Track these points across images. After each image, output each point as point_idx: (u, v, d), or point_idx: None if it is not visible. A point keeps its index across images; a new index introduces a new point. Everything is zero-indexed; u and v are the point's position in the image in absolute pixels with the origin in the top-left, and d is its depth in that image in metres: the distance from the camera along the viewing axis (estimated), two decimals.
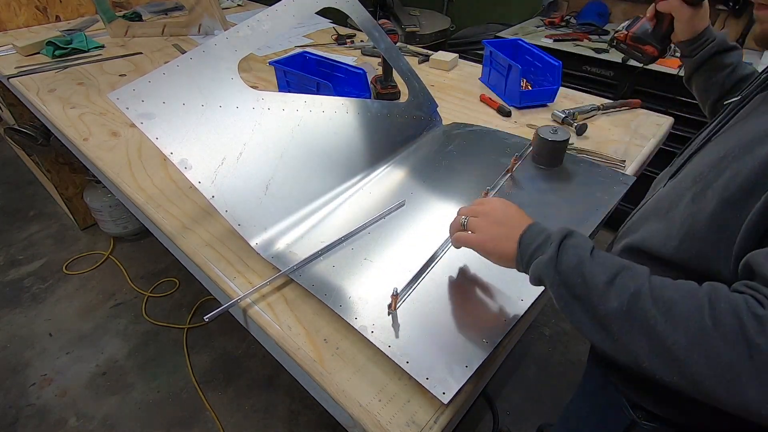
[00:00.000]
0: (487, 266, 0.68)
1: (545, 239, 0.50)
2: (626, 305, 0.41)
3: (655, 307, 0.40)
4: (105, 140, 1.04)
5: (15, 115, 1.77)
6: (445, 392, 0.51)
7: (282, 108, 0.76)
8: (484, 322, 0.59)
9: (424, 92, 1.00)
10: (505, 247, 0.54)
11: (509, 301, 0.62)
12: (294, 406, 1.47)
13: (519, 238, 0.53)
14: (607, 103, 1.15)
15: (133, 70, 1.43)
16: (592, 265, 0.45)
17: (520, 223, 0.54)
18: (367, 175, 0.87)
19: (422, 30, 2.41)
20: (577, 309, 0.45)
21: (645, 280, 0.42)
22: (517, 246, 0.53)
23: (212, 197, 0.68)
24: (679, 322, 0.39)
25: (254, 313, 0.64)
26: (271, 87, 1.30)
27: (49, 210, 2.29)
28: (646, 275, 0.43)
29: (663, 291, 0.41)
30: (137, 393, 1.50)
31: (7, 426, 1.40)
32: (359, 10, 0.86)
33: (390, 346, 0.56)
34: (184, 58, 0.66)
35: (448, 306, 0.62)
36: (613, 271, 0.44)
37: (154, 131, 0.64)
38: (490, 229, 0.57)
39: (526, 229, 0.53)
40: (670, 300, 0.40)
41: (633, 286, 0.42)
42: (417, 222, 0.77)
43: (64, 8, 1.87)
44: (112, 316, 1.76)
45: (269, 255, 0.70)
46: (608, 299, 0.42)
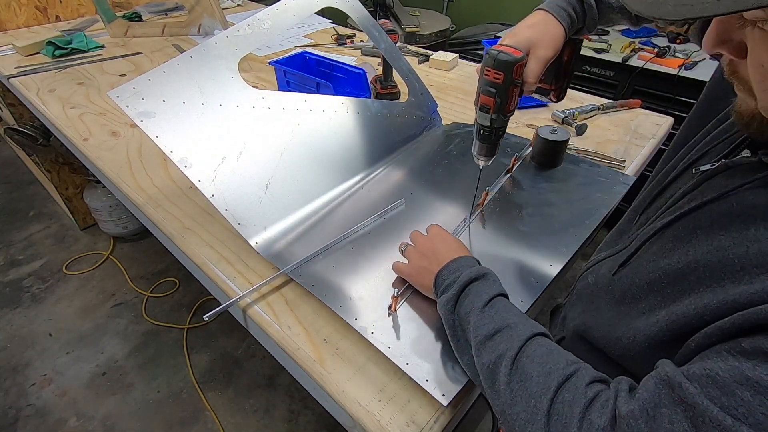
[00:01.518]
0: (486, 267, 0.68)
1: (454, 279, 0.53)
2: (492, 364, 0.44)
3: (510, 375, 0.42)
4: (105, 140, 1.04)
5: (15, 115, 1.77)
6: (444, 394, 0.51)
7: (282, 107, 0.75)
8: None
9: (424, 92, 1.00)
10: (426, 280, 0.58)
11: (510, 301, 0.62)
12: (294, 406, 1.47)
13: (437, 273, 0.56)
14: (607, 103, 1.15)
15: (133, 70, 1.43)
16: (480, 317, 0.47)
17: (444, 257, 0.57)
18: (366, 175, 0.87)
19: (422, 30, 2.41)
20: (466, 351, 0.49)
21: (518, 345, 0.43)
22: (433, 281, 0.56)
23: (212, 196, 0.68)
24: (522, 398, 0.40)
25: (254, 313, 0.63)
26: (271, 87, 1.30)
27: (49, 210, 2.29)
28: (523, 339, 0.43)
29: (528, 362, 0.42)
30: (137, 393, 1.50)
31: (7, 426, 1.40)
32: (359, 10, 0.86)
33: (390, 347, 0.56)
34: (185, 57, 0.66)
35: None
36: (495, 328, 0.46)
37: (154, 129, 0.63)
38: (417, 260, 0.61)
39: (445, 266, 0.55)
40: (527, 373, 0.41)
41: (503, 348, 0.44)
42: (417, 222, 0.77)
43: (64, 8, 1.87)
44: (112, 316, 1.76)
45: (269, 254, 0.70)
46: (482, 354, 0.45)
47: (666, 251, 0.44)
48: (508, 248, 0.71)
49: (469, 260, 0.56)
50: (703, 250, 0.40)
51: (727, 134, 0.50)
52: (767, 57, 0.33)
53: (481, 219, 0.78)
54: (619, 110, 1.15)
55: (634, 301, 0.46)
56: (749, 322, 0.32)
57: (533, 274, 0.66)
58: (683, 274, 0.40)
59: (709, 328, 0.35)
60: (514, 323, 0.46)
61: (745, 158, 0.44)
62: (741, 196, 0.40)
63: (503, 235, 0.74)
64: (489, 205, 0.80)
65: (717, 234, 0.40)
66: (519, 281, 0.65)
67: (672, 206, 0.50)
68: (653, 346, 0.41)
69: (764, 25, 0.32)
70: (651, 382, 0.35)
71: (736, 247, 0.37)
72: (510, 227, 0.75)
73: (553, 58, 0.58)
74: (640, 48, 1.82)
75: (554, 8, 0.59)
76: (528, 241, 0.72)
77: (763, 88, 0.35)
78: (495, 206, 0.80)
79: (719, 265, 0.37)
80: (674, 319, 0.39)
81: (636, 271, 0.47)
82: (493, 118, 0.60)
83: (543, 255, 0.69)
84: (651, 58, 1.73)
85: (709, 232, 0.41)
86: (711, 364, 0.32)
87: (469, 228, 0.76)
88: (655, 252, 0.46)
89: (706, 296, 0.37)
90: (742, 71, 0.37)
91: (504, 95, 0.56)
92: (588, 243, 0.75)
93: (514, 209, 0.79)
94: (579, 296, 0.59)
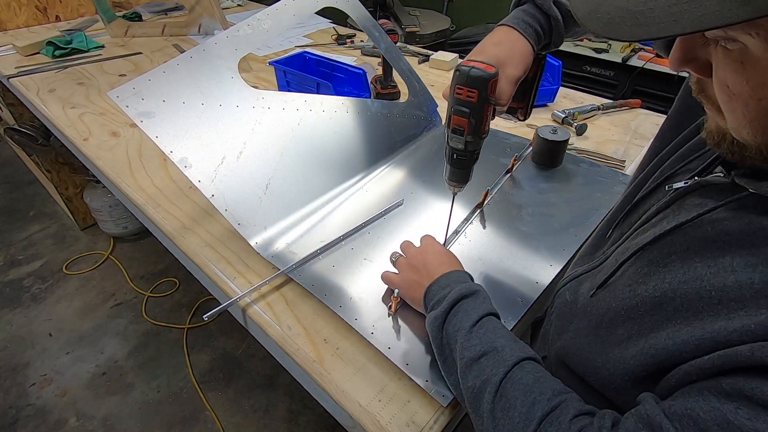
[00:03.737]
0: (485, 269, 0.68)
1: (444, 296, 0.52)
2: (477, 389, 0.43)
3: (494, 402, 0.41)
4: (105, 140, 1.04)
5: (15, 115, 1.77)
6: (444, 395, 0.51)
7: (282, 107, 0.75)
8: None
9: (424, 92, 1.00)
10: (416, 293, 0.57)
11: (508, 303, 0.62)
12: (294, 406, 1.47)
13: (427, 288, 0.55)
14: (607, 103, 1.15)
15: (133, 70, 1.43)
16: (467, 338, 0.46)
17: (435, 271, 0.56)
18: (366, 175, 0.87)
19: (422, 30, 2.41)
20: (451, 371, 0.48)
21: (504, 370, 0.42)
22: (423, 296, 0.55)
23: (212, 196, 0.68)
24: (505, 427, 0.39)
25: (254, 313, 0.63)
26: (271, 87, 1.30)
27: (49, 210, 2.29)
28: (509, 364, 0.43)
29: (512, 390, 0.41)
30: (137, 393, 1.50)
31: (7, 426, 1.40)
32: (359, 10, 0.86)
33: (390, 347, 0.56)
34: (185, 57, 0.66)
35: None
36: (482, 350, 0.45)
37: (154, 130, 0.63)
38: (408, 273, 0.60)
39: (435, 280, 0.54)
40: (511, 401, 0.40)
41: (488, 372, 0.43)
42: (417, 222, 0.77)
43: (64, 8, 1.87)
44: (112, 316, 1.76)
45: (269, 254, 0.70)
46: (467, 377, 0.45)
47: (642, 276, 0.42)
48: (508, 248, 0.71)
49: (460, 275, 0.55)
50: (678, 279, 0.38)
51: (701, 150, 0.48)
52: (731, 76, 0.31)
53: (481, 219, 0.78)
54: (619, 110, 1.15)
55: (611, 326, 0.44)
56: (729, 363, 0.31)
57: (534, 274, 0.66)
58: (660, 303, 0.39)
59: (689, 367, 0.34)
60: (501, 346, 0.45)
61: (718, 178, 0.42)
62: (715, 221, 0.39)
63: (503, 235, 0.74)
64: (489, 205, 0.80)
65: (692, 260, 0.38)
66: (519, 281, 0.65)
67: (645, 223, 0.48)
68: (633, 379, 0.39)
69: (726, 44, 0.31)
70: (631, 421, 0.34)
71: (712, 277, 0.36)
72: (510, 227, 0.75)
73: (523, 76, 0.54)
74: (640, 48, 1.83)
75: (519, 24, 0.55)
76: (528, 241, 0.72)
77: (730, 108, 0.34)
78: (495, 206, 0.80)
79: (696, 296, 0.36)
80: (653, 353, 0.37)
81: (613, 295, 0.45)
82: (468, 141, 0.54)
83: (543, 255, 0.69)
84: (651, 58, 1.74)
85: (684, 258, 0.39)
86: (692, 404, 0.31)
87: (468, 229, 0.76)
88: (631, 276, 0.44)
89: (684, 331, 0.36)
90: (709, 90, 0.36)
91: (479, 115, 0.51)
92: None
93: (514, 209, 0.79)
94: (558, 315, 0.57)
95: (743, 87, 0.31)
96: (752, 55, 0.29)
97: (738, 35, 0.29)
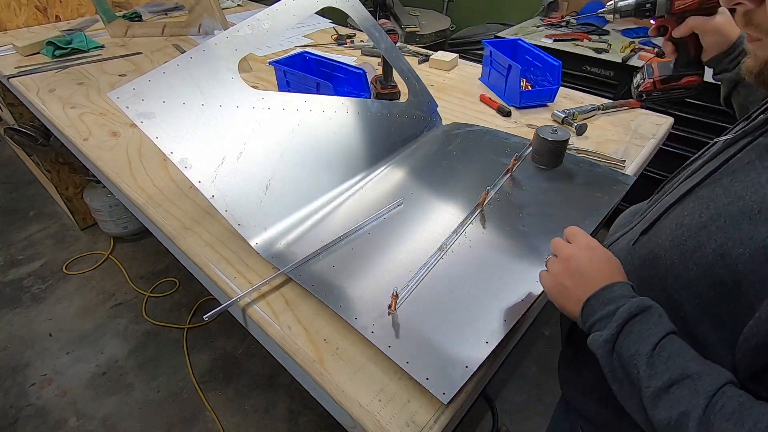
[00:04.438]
0: (487, 267, 0.68)
1: (609, 313, 0.46)
2: (675, 422, 0.39)
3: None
4: (105, 140, 1.04)
5: (15, 115, 1.77)
6: (445, 392, 0.51)
7: (282, 108, 0.75)
8: (484, 323, 0.59)
9: (424, 92, 1.00)
10: (569, 304, 0.51)
11: (510, 301, 0.62)
12: (294, 406, 1.47)
13: (585, 302, 0.48)
14: (607, 103, 1.15)
15: (133, 70, 1.43)
16: (651, 363, 0.41)
17: (593, 281, 0.49)
18: (367, 175, 0.87)
19: (422, 30, 2.41)
20: (628, 396, 0.44)
21: (704, 401, 0.38)
22: (581, 309, 0.49)
23: (212, 197, 0.68)
24: None
25: (254, 313, 0.64)
26: (271, 87, 1.30)
27: (49, 210, 2.29)
28: (709, 393, 0.38)
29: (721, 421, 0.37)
30: (137, 393, 1.50)
31: (7, 426, 1.40)
32: (359, 10, 0.86)
33: (390, 346, 0.56)
34: (185, 57, 0.66)
35: (449, 306, 0.62)
36: (673, 378, 0.40)
37: (154, 130, 0.63)
38: (561, 277, 0.52)
39: (595, 294, 0.48)
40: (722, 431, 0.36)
41: (686, 404, 0.38)
42: (417, 222, 0.77)
43: (64, 8, 1.87)
44: (112, 316, 1.76)
45: (269, 255, 0.70)
46: (658, 408, 0.40)
47: (688, 210, 0.47)
48: (508, 248, 0.71)
49: (624, 288, 0.47)
50: (723, 202, 0.43)
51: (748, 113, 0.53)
52: None
53: (481, 219, 0.78)
54: (619, 110, 1.15)
55: (655, 261, 0.48)
56: None
57: (534, 273, 0.66)
58: (704, 226, 0.43)
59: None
60: (696, 373, 0.40)
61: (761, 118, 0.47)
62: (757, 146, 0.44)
63: (503, 235, 0.74)
64: (489, 205, 0.80)
65: (733, 187, 0.43)
66: (519, 281, 0.65)
67: (691, 175, 0.52)
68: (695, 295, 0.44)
69: None
70: None
71: (753, 194, 0.40)
72: (510, 227, 0.75)
73: None
74: (640, 48, 1.82)
75: None
76: (528, 241, 0.72)
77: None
78: (495, 206, 0.80)
79: (738, 212, 0.41)
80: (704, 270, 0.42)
81: (657, 234, 0.50)
82: None
83: (543, 255, 0.69)
84: (651, 59, 1.73)
85: (728, 187, 0.44)
86: None
87: (468, 229, 0.76)
88: (677, 214, 0.48)
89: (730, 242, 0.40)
90: (758, 18, 0.41)
91: None
92: None
93: (514, 209, 0.79)
94: None
95: None
96: None
97: None
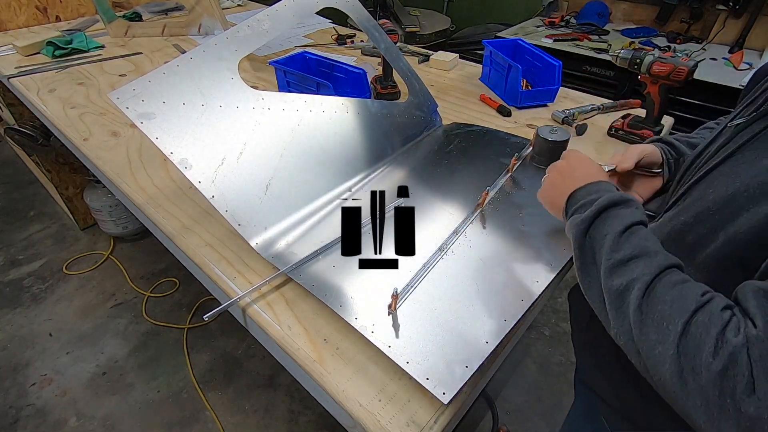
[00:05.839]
0: (487, 266, 0.68)
1: (592, 201, 0.52)
2: (623, 287, 0.43)
3: (642, 299, 0.42)
4: (105, 140, 1.04)
5: (15, 115, 1.77)
6: (445, 392, 0.51)
7: (282, 108, 0.75)
8: (484, 322, 0.59)
9: (424, 92, 1.00)
10: (557, 197, 0.58)
11: (510, 301, 0.62)
12: (294, 406, 1.47)
13: (571, 193, 0.55)
14: (607, 103, 1.15)
15: (133, 70, 1.43)
16: (617, 241, 0.46)
17: (581, 178, 0.56)
18: (367, 175, 0.87)
19: (422, 30, 2.41)
20: (590, 273, 0.48)
21: (655, 271, 0.42)
22: (566, 199, 0.56)
23: (212, 197, 0.68)
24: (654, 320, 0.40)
25: (254, 313, 0.64)
26: (271, 87, 1.30)
27: (49, 210, 2.29)
28: (661, 266, 0.43)
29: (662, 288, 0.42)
30: (137, 393, 1.50)
31: (7, 426, 1.40)
32: (359, 10, 0.86)
33: (390, 346, 0.56)
34: (185, 58, 0.66)
35: (449, 306, 0.62)
36: (634, 253, 0.45)
37: (154, 131, 0.63)
38: (553, 178, 0.61)
39: (582, 186, 0.55)
40: (660, 298, 0.41)
41: (638, 272, 0.43)
42: (417, 222, 0.77)
43: (64, 8, 1.87)
44: (112, 316, 1.76)
45: (269, 255, 0.70)
46: (613, 276, 0.45)
47: (712, 185, 0.47)
48: (508, 248, 0.71)
49: (608, 185, 0.54)
50: (749, 175, 0.43)
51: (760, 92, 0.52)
52: None
53: (481, 219, 0.78)
54: (619, 110, 1.15)
55: (679, 236, 0.48)
56: None
57: (534, 273, 0.66)
58: (731, 199, 0.44)
59: None
60: (654, 252, 0.45)
61: None
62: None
63: (503, 235, 0.74)
64: (489, 205, 0.81)
65: (760, 160, 0.43)
66: (520, 281, 0.65)
67: (709, 160, 0.52)
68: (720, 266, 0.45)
69: None
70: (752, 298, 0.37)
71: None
72: (510, 227, 0.75)
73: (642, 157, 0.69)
74: (640, 48, 1.82)
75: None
76: (528, 241, 0.72)
77: None
78: (495, 206, 0.80)
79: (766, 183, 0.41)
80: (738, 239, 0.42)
81: (681, 211, 0.50)
82: None
83: (543, 255, 0.70)
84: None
85: (752, 162, 0.44)
86: None
87: (468, 229, 0.76)
88: (700, 191, 0.49)
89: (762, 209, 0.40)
90: None
91: None
92: None
93: (514, 209, 0.79)
94: None
95: None
96: None
97: None
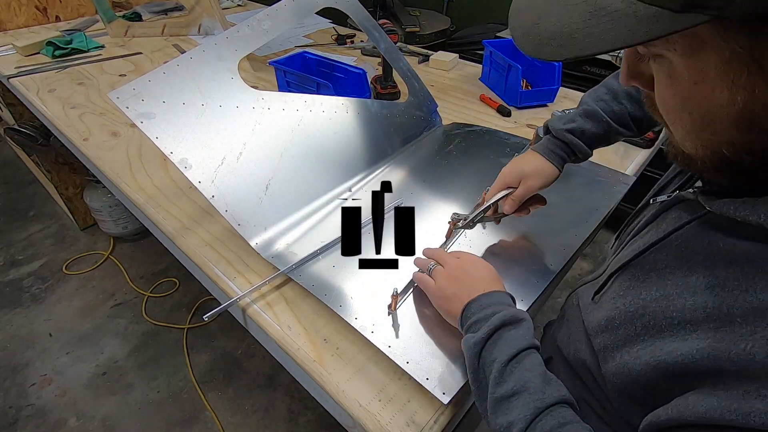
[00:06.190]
0: None
1: (486, 317, 0.49)
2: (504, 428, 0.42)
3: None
4: (105, 140, 1.04)
5: (15, 115, 1.77)
6: (445, 392, 0.51)
7: (282, 108, 0.75)
8: None
9: (424, 92, 1.00)
10: (451, 307, 0.54)
11: None
12: (294, 406, 1.47)
13: (465, 305, 0.52)
14: None
15: (133, 70, 1.43)
16: (502, 372, 0.44)
17: (476, 287, 0.53)
18: (367, 175, 0.87)
19: (422, 30, 2.41)
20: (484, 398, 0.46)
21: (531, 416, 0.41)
22: (461, 312, 0.52)
23: (212, 197, 0.68)
24: None
25: (254, 313, 0.64)
26: (271, 87, 1.30)
27: (49, 210, 2.29)
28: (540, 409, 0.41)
29: None
30: (137, 393, 1.50)
31: (7, 426, 1.40)
32: (359, 10, 0.86)
33: (390, 346, 0.56)
34: (184, 58, 0.66)
35: None
36: (516, 389, 0.43)
37: (154, 131, 0.63)
38: (446, 283, 0.56)
39: (476, 298, 0.52)
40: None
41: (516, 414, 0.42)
42: (417, 222, 0.77)
43: (64, 8, 1.87)
44: (112, 316, 1.76)
45: (269, 255, 0.70)
46: (496, 414, 0.44)
47: (624, 290, 0.43)
48: (508, 248, 0.71)
49: (503, 297, 0.52)
50: (651, 296, 0.39)
51: None
52: (664, 91, 0.33)
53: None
54: None
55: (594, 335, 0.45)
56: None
57: (533, 273, 0.66)
58: (631, 318, 0.40)
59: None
60: (534, 389, 0.43)
61: (689, 193, 0.42)
62: (687, 239, 0.39)
63: (503, 235, 0.74)
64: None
65: (667, 279, 0.39)
66: (519, 281, 0.65)
67: (635, 236, 0.49)
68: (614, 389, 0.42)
69: (655, 60, 0.32)
70: None
71: (677, 297, 0.36)
72: (510, 227, 0.75)
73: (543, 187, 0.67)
74: None
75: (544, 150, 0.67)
76: (528, 241, 0.72)
77: (670, 122, 0.35)
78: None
79: (662, 315, 0.37)
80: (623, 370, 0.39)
81: (600, 306, 0.46)
82: None
83: (543, 255, 0.70)
84: None
85: (661, 276, 0.39)
86: None
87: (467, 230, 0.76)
88: (615, 289, 0.45)
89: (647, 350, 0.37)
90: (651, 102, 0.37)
91: None
92: (588, 243, 0.75)
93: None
94: (566, 318, 0.58)
95: (674, 101, 0.33)
96: (676, 69, 0.30)
97: (661, 51, 0.30)
